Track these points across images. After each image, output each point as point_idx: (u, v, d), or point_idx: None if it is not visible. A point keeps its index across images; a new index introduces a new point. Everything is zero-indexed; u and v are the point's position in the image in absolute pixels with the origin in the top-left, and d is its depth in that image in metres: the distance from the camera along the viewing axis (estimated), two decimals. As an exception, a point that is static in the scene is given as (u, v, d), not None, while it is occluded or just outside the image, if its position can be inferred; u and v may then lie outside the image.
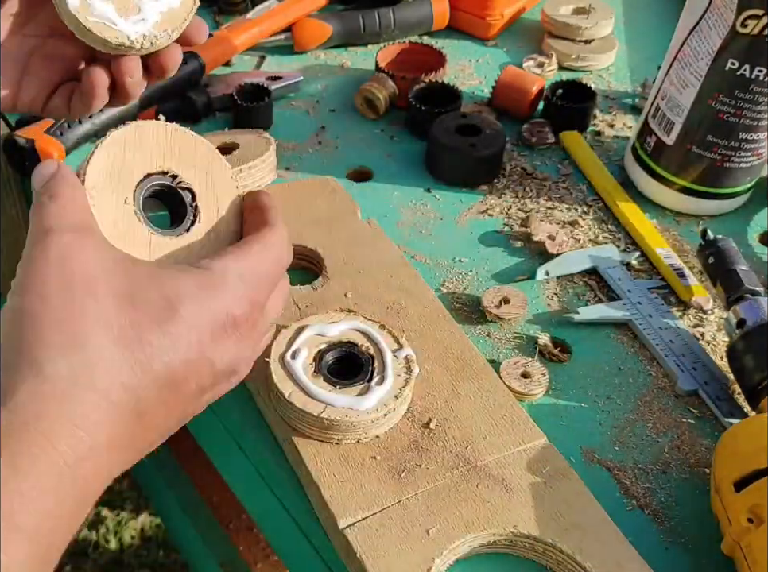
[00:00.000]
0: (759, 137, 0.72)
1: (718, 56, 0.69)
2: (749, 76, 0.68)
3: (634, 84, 0.92)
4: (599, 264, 0.71)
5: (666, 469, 0.58)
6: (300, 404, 0.53)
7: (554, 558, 0.51)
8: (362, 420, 0.53)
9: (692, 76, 0.71)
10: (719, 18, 0.68)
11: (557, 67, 0.92)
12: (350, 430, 0.53)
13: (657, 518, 0.56)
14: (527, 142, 0.83)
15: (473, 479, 0.53)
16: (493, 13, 0.96)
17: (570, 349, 0.65)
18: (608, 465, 0.58)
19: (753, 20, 0.65)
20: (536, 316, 0.67)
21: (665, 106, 0.74)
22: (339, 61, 0.93)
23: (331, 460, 0.54)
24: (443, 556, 0.50)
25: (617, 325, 0.67)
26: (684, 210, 0.77)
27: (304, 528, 0.57)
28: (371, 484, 0.53)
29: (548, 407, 0.61)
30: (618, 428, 0.61)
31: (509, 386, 0.60)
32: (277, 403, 0.55)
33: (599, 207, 0.78)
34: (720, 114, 0.71)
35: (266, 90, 0.82)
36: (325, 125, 0.84)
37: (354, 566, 0.50)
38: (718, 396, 0.62)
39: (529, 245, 0.73)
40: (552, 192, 0.79)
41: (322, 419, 0.53)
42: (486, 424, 0.56)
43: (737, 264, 0.66)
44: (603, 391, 0.63)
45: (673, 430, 0.61)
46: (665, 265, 0.71)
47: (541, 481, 0.54)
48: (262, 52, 0.93)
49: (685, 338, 0.66)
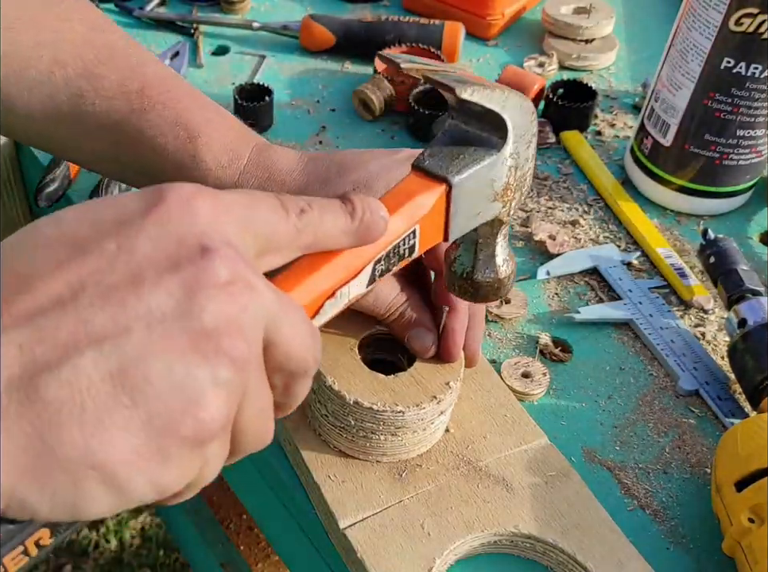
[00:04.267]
0: (757, 134, 0.72)
1: (711, 56, 0.69)
2: (745, 74, 0.68)
3: (634, 84, 0.92)
4: (599, 263, 0.71)
5: (667, 469, 0.58)
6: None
7: (555, 558, 0.51)
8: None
9: (685, 77, 0.71)
10: (697, 19, 0.69)
11: (558, 67, 0.92)
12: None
13: (658, 518, 0.56)
14: (528, 142, 0.83)
15: (474, 479, 0.53)
16: (493, 13, 0.96)
17: (571, 349, 0.65)
18: (609, 465, 0.58)
19: (748, 18, 0.66)
20: (537, 316, 0.67)
21: (660, 108, 0.75)
22: (341, 62, 0.93)
23: (332, 460, 0.53)
24: (443, 556, 0.50)
25: (618, 325, 0.67)
26: (684, 209, 0.77)
27: (305, 528, 0.57)
28: (372, 484, 0.53)
29: (549, 407, 0.61)
30: (619, 428, 0.60)
31: (510, 386, 0.60)
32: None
33: (599, 207, 0.78)
34: (717, 112, 0.71)
35: (267, 90, 0.82)
36: (326, 124, 0.84)
37: (355, 566, 0.50)
38: (719, 396, 0.62)
39: (530, 245, 0.73)
40: (553, 192, 0.79)
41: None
42: (487, 424, 0.56)
43: (738, 263, 0.66)
44: (603, 391, 0.63)
45: (674, 430, 0.61)
46: (666, 265, 0.71)
47: (541, 481, 0.54)
48: (263, 51, 0.93)
49: (686, 338, 0.66)
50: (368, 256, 0.42)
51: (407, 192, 0.44)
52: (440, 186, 0.44)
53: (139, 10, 0.94)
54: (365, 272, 0.42)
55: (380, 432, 0.52)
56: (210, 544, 1.09)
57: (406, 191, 0.44)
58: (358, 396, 0.51)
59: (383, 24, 0.91)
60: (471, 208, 0.46)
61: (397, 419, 0.51)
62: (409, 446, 0.53)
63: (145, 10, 0.95)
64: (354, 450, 0.53)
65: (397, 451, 0.53)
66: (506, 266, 0.52)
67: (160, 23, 0.95)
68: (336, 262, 0.41)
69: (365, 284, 0.43)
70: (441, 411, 0.53)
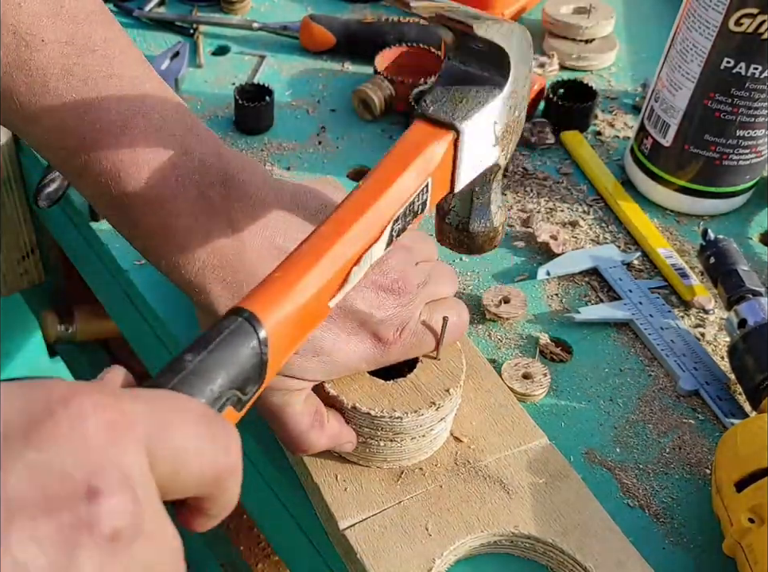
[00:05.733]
0: (757, 134, 0.72)
1: (711, 56, 0.69)
2: (744, 74, 0.68)
3: (634, 84, 0.92)
4: (599, 264, 0.71)
5: (667, 470, 0.58)
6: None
7: (555, 558, 0.51)
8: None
9: (684, 78, 0.71)
10: (697, 19, 0.69)
11: (558, 68, 0.92)
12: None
13: (658, 518, 0.56)
14: (527, 142, 0.83)
15: (473, 479, 0.53)
16: (493, 13, 0.96)
17: (571, 350, 0.65)
18: (609, 466, 0.58)
19: (748, 18, 0.66)
20: (537, 316, 0.67)
21: (659, 109, 0.75)
22: (341, 62, 0.93)
23: (331, 461, 0.53)
24: (443, 557, 0.50)
25: (618, 325, 0.67)
26: (684, 209, 0.77)
27: (304, 528, 0.57)
28: (372, 484, 0.53)
29: (549, 407, 0.61)
30: (619, 428, 0.60)
31: (511, 388, 0.60)
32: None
33: (599, 207, 0.77)
34: (716, 112, 0.71)
35: (268, 90, 0.82)
36: (325, 125, 0.84)
37: (355, 566, 0.50)
38: (719, 396, 0.62)
39: (530, 245, 0.73)
40: (553, 192, 0.79)
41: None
42: (487, 424, 0.56)
43: (738, 264, 0.66)
44: (603, 391, 0.63)
45: (674, 431, 0.61)
46: (667, 265, 0.71)
47: (541, 481, 0.54)
48: (263, 51, 0.92)
49: (686, 338, 0.66)
50: (387, 217, 0.41)
51: (416, 144, 0.42)
52: (448, 133, 0.42)
53: (139, 10, 0.94)
54: (385, 234, 0.41)
55: (378, 438, 0.52)
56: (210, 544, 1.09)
57: (415, 143, 0.42)
58: (356, 402, 0.51)
59: (383, 24, 0.91)
60: (475, 154, 0.45)
61: (396, 425, 0.51)
62: (408, 452, 0.53)
63: (145, 10, 0.95)
64: (354, 456, 0.53)
65: (397, 458, 0.53)
66: (500, 213, 0.50)
67: (159, 23, 0.95)
68: (357, 228, 0.39)
69: (384, 247, 0.41)
70: (441, 417, 0.53)
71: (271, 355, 0.37)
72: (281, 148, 0.81)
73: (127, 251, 0.67)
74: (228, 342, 0.35)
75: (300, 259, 0.39)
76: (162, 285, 0.65)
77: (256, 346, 0.36)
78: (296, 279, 0.38)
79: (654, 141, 0.76)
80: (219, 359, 0.35)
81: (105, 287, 0.76)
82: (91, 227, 0.71)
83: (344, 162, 0.80)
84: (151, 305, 0.65)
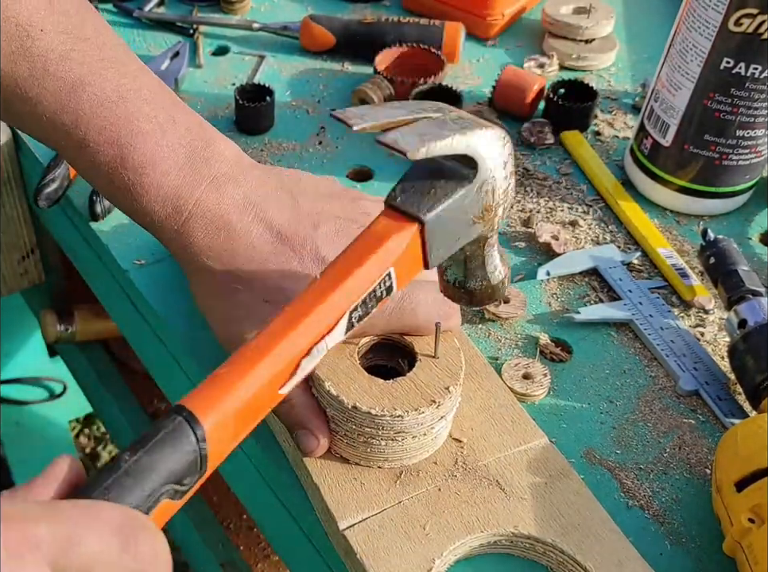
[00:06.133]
0: (757, 134, 0.72)
1: (710, 56, 0.69)
2: (744, 74, 0.68)
3: (634, 84, 0.92)
4: (599, 264, 0.71)
5: (667, 470, 0.58)
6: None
7: (555, 558, 0.51)
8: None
9: (684, 78, 0.71)
10: (697, 19, 0.69)
11: (558, 68, 0.92)
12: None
13: (658, 518, 0.56)
14: (527, 142, 0.83)
15: (473, 479, 0.53)
16: (493, 13, 0.96)
17: (571, 350, 0.65)
18: (609, 466, 0.58)
19: (747, 18, 0.66)
20: (536, 316, 0.67)
21: (659, 109, 0.75)
22: (341, 62, 0.93)
23: (331, 461, 0.53)
24: (443, 557, 0.50)
25: (618, 325, 0.67)
26: (684, 210, 0.77)
27: (304, 528, 0.57)
28: (371, 485, 0.53)
29: (549, 407, 0.61)
30: (619, 428, 0.60)
31: (511, 388, 0.60)
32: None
33: (599, 207, 0.77)
34: (716, 112, 0.71)
35: (268, 90, 0.82)
36: (325, 125, 0.84)
37: (355, 566, 0.50)
38: (719, 397, 0.62)
39: (530, 245, 0.73)
40: (553, 192, 0.79)
41: None
42: (487, 424, 0.56)
43: (738, 264, 0.66)
44: (603, 391, 0.63)
45: (674, 431, 0.61)
46: (667, 265, 0.71)
47: (541, 481, 0.54)
48: (263, 52, 0.92)
49: (686, 339, 0.66)
50: (343, 308, 0.42)
51: (378, 236, 0.43)
52: (411, 225, 0.43)
53: (138, 10, 0.94)
54: (341, 324, 0.42)
55: (380, 437, 0.52)
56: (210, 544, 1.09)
57: (377, 235, 0.43)
58: (356, 401, 0.51)
59: (383, 24, 0.91)
60: (450, 236, 0.46)
61: (396, 424, 0.51)
62: (410, 451, 0.53)
63: (145, 10, 0.95)
64: (356, 456, 0.53)
65: (398, 457, 0.53)
66: (497, 272, 0.51)
67: (159, 23, 0.94)
68: (310, 321, 0.41)
69: (342, 333, 0.43)
70: (441, 415, 0.53)
71: (212, 447, 0.39)
72: (281, 149, 0.81)
73: (127, 251, 0.67)
74: (164, 442, 0.37)
75: (249, 354, 0.41)
76: (162, 285, 0.65)
77: (194, 443, 0.38)
78: (242, 375, 0.40)
79: (654, 141, 0.76)
80: (155, 459, 0.37)
81: (105, 288, 0.76)
82: (91, 227, 0.70)
83: (344, 162, 0.80)
84: (151, 305, 0.65)
